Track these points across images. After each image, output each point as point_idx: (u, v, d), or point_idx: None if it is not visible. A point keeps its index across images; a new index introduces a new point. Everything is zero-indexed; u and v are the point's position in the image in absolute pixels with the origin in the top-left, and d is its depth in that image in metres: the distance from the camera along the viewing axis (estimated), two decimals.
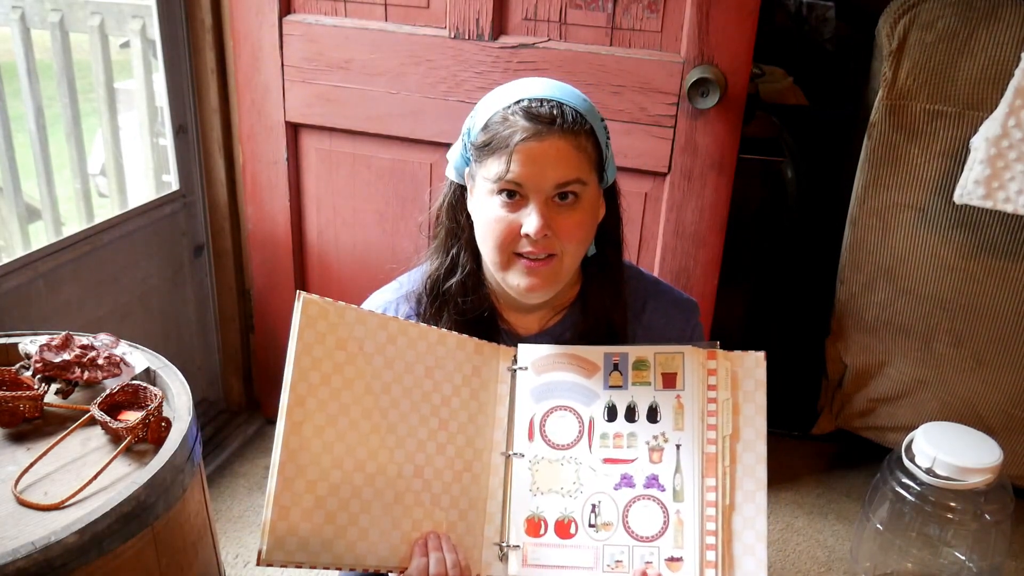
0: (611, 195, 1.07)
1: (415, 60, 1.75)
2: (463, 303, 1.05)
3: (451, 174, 1.07)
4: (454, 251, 1.06)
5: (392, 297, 1.11)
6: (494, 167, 0.96)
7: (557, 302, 1.08)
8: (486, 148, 0.97)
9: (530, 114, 0.95)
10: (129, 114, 2.46)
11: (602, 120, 1.01)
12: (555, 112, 0.95)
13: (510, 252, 0.98)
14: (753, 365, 0.96)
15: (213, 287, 2.12)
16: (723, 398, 0.95)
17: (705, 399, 0.95)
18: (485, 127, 0.97)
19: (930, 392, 1.97)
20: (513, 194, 0.96)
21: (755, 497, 0.91)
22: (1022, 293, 1.80)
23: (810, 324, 2.23)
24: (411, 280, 1.11)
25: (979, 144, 1.64)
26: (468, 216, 1.05)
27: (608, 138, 1.03)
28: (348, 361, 0.92)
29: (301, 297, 0.90)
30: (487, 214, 0.98)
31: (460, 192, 1.06)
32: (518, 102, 0.96)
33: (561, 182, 0.95)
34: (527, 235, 0.95)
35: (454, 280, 1.06)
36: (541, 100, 0.96)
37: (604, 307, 1.07)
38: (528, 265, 0.98)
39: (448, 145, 1.14)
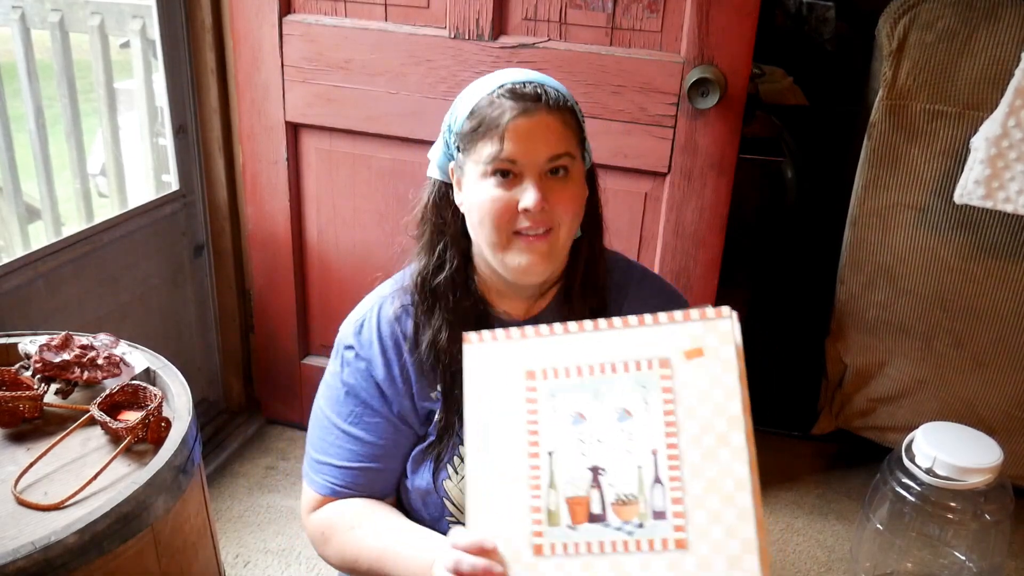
0: (591, 180, 1.09)
1: (415, 60, 1.75)
2: (452, 299, 1.06)
3: (434, 173, 1.09)
4: (440, 247, 1.07)
5: (389, 291, 1.12)
6: (486, 149, 0.98)
7: (543, 286, 1.09)
8: (475, 132, 0.99)
9: (516, 94, 0.98)
10: (129, 114, 2.45)
11: (578, 106, 1.05)
12: (539, 91, 0.98)
13: (509, 231, 0.99)
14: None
15: (213, 287, 2.12)
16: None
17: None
18: (471, 114, 1.00)
19: (930, 392, 1.97)
20: (507, 173, 0.98)
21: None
22: (1022, 294, 1.80)
23: (810, 324, 2.23)
24: (404, 276, 1.13)
25: (979, 144, 1.64)
26: (454, 212, 1.06)
27: (584, 122, 1.06)
28: None
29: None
30: (481, 196, 0.99)
31: (444, 189, 1.07)
32: (502, 86, 0.99)
33: (553, 155, 0.98)
34: (526, 210, 0.97)
35: (442, 277, 1.07)
36: (524, 82, 0.99)
37: (585, 292, 1.08)
38: (527, 241, 0.99)
39: None
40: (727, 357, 0.83)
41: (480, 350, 0.91)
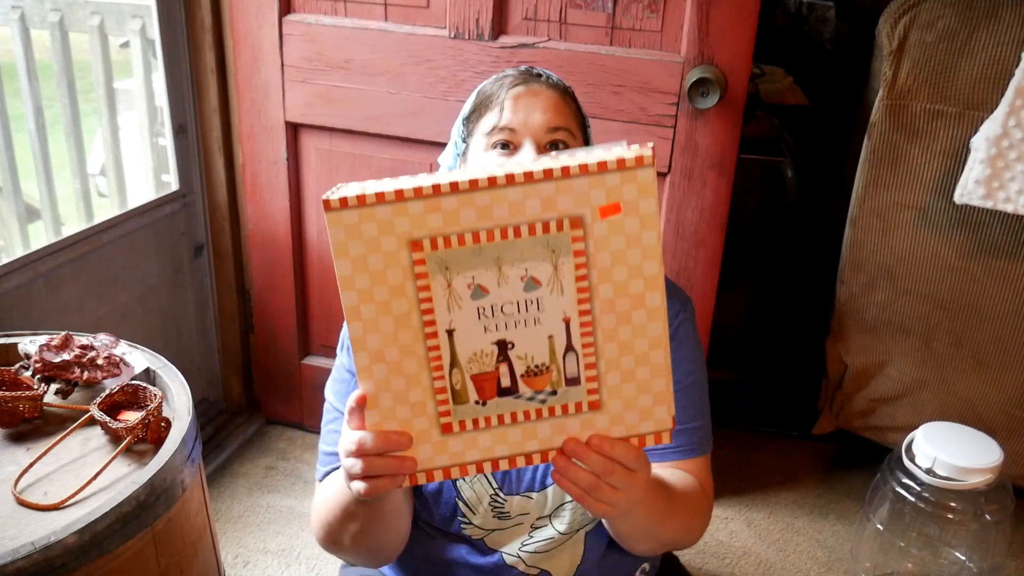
0: None
1: (415, 60, 1.75)
2: None
3: None
4: None
5: None
6: (488, 121, 1.01)
7: None
8: (479, 109, 1.03)
9: (519, 71, 1.05)
10: (129, 114, 2.45)
11: (581, 105, 1.09)
12: (541, 72, 1.05)
13: None
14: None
15: (213, 287, 2.12)
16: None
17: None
18: (476, 96, 1.05)
19: (930, 392, 1.97)
20: (507, 145, 1.00)
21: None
22: (1023, 293, 1.80)
23: (810, 324, 2.23)
24: None
25: (979, 144, 1.64)
26: None
27: (587, 122, 1.09)
28: None
29: None
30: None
31: None
32: (505, 71, 1.07)
33: (552, 126, 1.00)
34: None
35: None
36: (528, 68, 1.07)
37: None
38: None
39: None
40: (647, 212, 0.73)
41: (347, 217, 0.72)
